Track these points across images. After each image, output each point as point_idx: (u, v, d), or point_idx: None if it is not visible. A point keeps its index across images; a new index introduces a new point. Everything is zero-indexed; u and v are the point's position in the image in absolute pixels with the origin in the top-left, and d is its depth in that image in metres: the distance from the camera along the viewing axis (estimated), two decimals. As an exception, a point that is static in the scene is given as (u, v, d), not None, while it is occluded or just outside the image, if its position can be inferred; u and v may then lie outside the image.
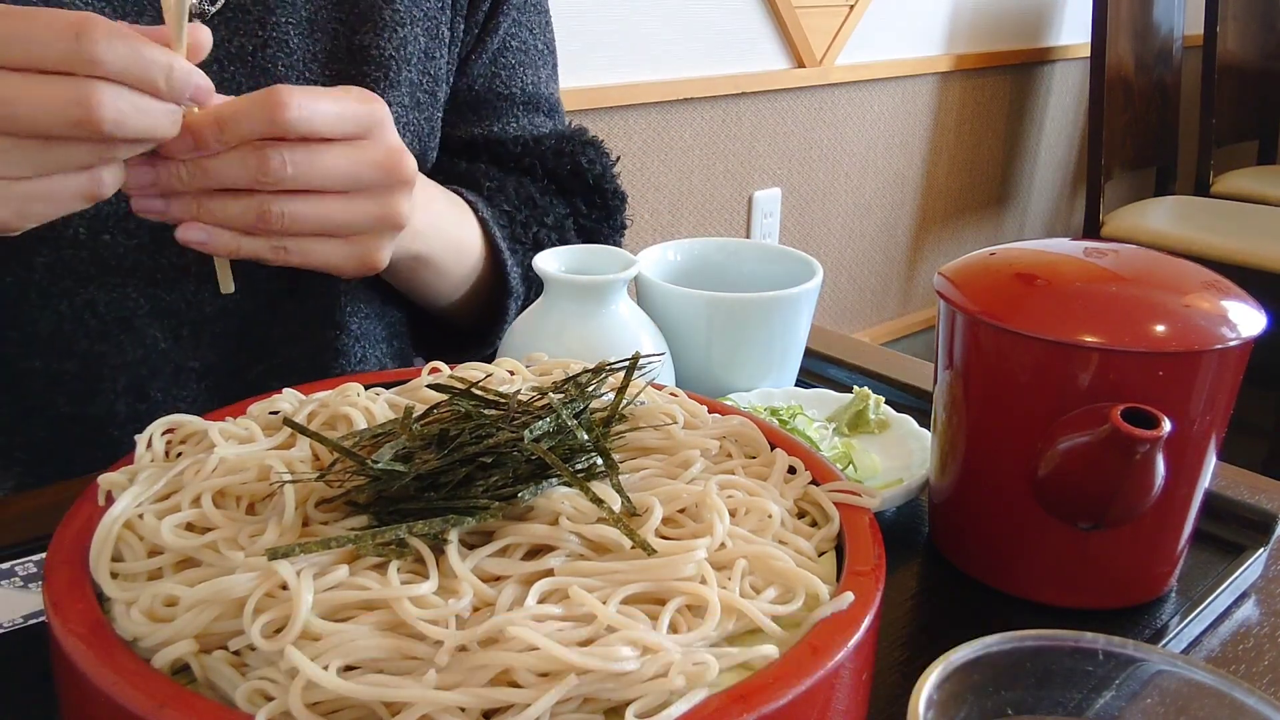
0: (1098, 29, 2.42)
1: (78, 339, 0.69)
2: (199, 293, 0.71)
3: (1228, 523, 0.61)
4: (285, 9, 0.70)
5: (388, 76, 0.74)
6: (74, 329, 0.68)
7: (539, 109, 0.87)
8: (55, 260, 0.66)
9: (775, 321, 0.72)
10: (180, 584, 0.37)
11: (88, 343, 0.69)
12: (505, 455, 0.41)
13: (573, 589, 0.36)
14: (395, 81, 0.74)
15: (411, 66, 0.75)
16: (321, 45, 0.72)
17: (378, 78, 0.73)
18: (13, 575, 0.54)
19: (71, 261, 0.67)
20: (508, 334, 0.69)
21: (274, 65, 0.70)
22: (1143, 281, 0.53)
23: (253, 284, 0.72)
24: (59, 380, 0.70)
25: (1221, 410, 0.52)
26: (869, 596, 0.38)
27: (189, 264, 0.70)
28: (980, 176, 2.88)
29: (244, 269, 0.69)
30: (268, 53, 0.69)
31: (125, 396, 0.71)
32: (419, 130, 0.78)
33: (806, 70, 2.23)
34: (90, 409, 0.70)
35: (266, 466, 0.42)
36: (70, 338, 0.69)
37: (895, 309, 2.80)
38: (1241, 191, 2.72)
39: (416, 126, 0.78)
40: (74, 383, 0.70)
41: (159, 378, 0.71)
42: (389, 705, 0.33)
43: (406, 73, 0.75)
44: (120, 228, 0.67)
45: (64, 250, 0.66)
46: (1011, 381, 0.53)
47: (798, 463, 0.47)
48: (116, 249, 0.67)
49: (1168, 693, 0.35)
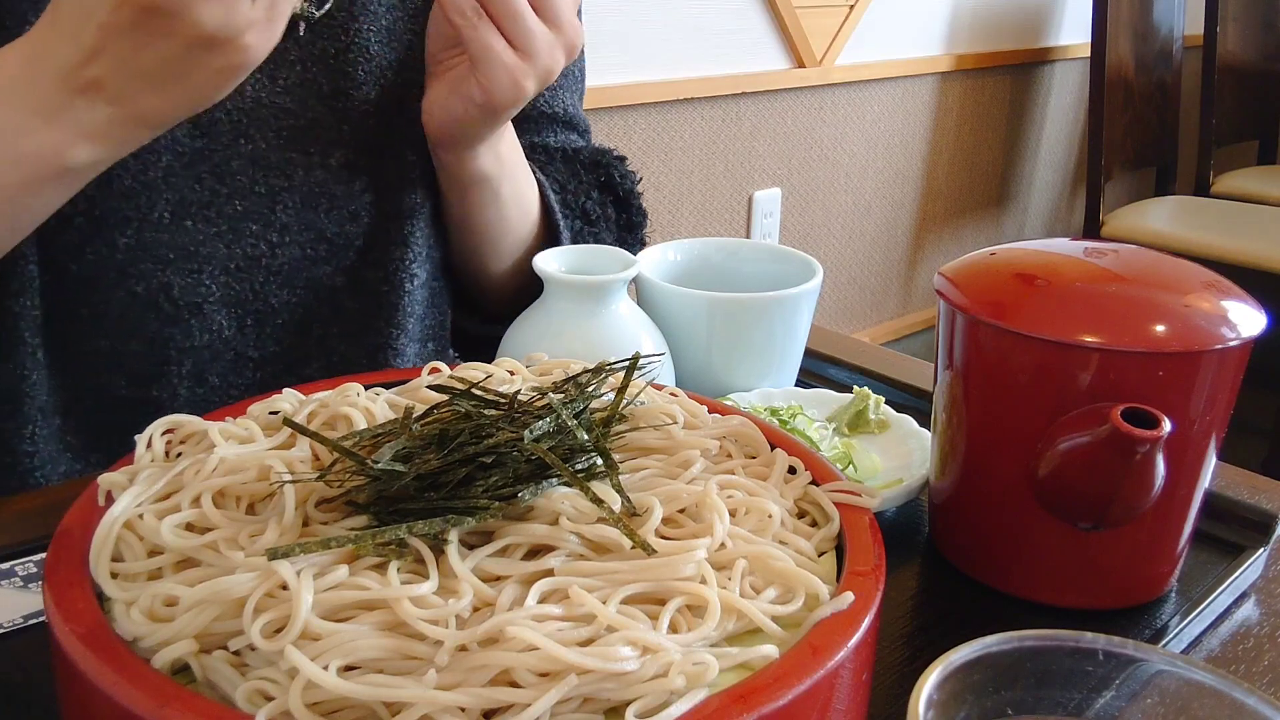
0: (1098, 29, 2.42)
1: (148, 321, 0.70)
2: (267, 284, 0.73)
3: (1228, 523, 0.61)
4: (368, 17, 0.73)
5: None
6: (145, 311, 0.70)
7: (575, 128, 0.90)
8: (138, 242, 0.68)
9: (775, 321, 0.72)
10: (180, 584, 0.37)
11: (157, 325, 0.70)
12: (505, 455, 0.41)
13: (573, 589, 0.36)
14: None
15: None
16: (398, 55, 0.75)
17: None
18: (13, 575, 0.54)
19: (153, 244, 0.68)
20: (508, 334, 0.70)
21: (354, 69, 0.73)
22: (1143, 281, 0.53)
23: (316, 280, 0.75)
24: (123, 361, 0.71)
25: (1221, 410, 0.52)
26: (869, 596, 0.38)
27: (261, 255, 0.72)
28: (980, 176, 2.88)
29: (306, 268, 0.74)
30: (349, 57, 0.72)
31: (186, 380, 0.73)
32: None
33: (806, 70, 2.24)
34: (151, 391, 0.72)
35: (266, 466, 0.42)
36: (140, 319, 0.70)
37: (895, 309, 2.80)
38: (1241, 191, 2.72)
39: None
40: (138, 364, 0.71)
41: (219, 363, 0.73)
42: (389, 705, 0.33)
43: None
44: (203, 215, 0.69)
45: (147, 233, 0.68)
46: (1011, 381, 0.53)
47: (798, 463, 0.47)
48: (197, 235, 0.69)
49: (1168, 693, 0.35)
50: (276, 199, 0.71)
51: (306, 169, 0.72)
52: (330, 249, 0.75)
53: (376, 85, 0.74)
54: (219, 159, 0.69)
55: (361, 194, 0.75)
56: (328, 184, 0.73)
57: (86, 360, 0.70)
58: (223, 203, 0.70)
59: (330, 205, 0.74)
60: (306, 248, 0.74)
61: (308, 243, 0.74)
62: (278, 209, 0.72)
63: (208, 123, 0.68)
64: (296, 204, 0.72)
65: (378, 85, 0.74)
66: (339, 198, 0.74)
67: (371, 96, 0.73)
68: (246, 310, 0.73)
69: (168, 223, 0.68)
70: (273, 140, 0.70)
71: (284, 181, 0.71)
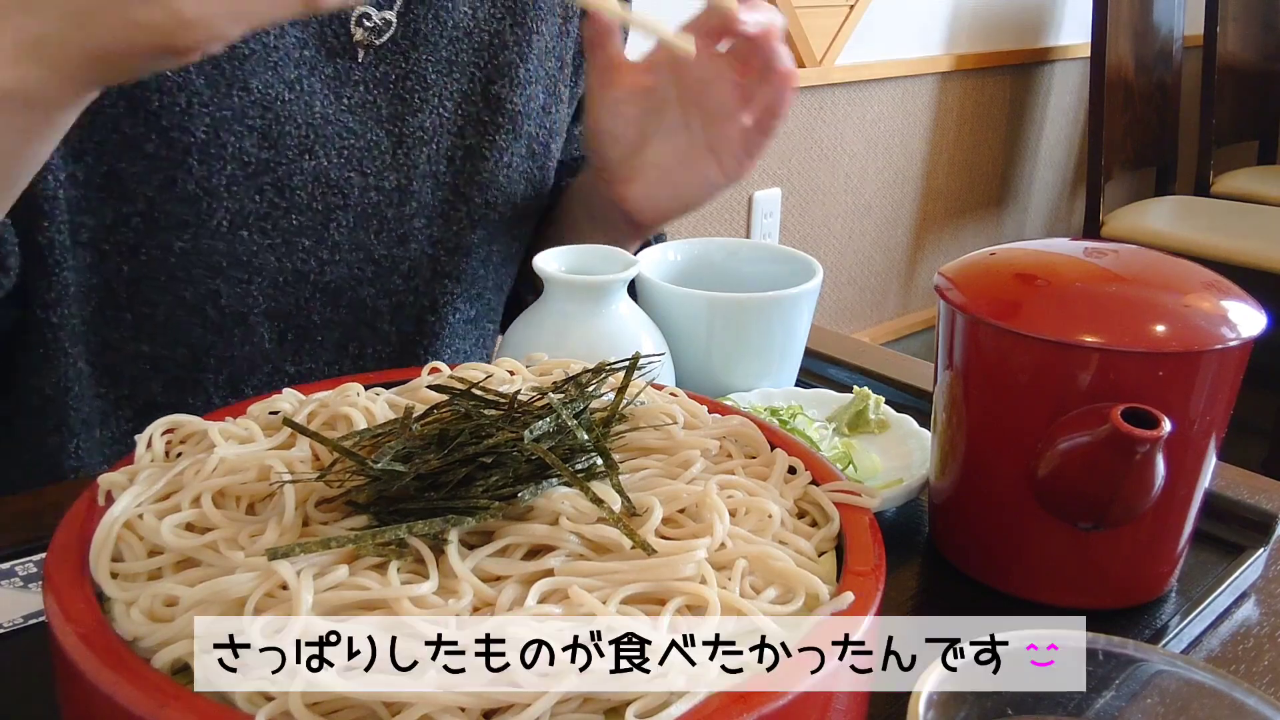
0: (1098, 29, 2.42)
1: (192, 328, 0.70)
2: (312, 299, 0.74)
3: (1228, 523, 0.61)
4: (427, 48, 0.74)
5: (514, 129, 0.78)
6: (191, 318, 0.70)
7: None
8: (192, 248, 0.68)
9: (775, 321, 0.72)
10: (180, 584, 0.37)
11: (201, 333, 0.71)
12: (505, 455, 0.41)
13: (573, 589, 0.36)
14: (518, 134, 0.79)
15: (532, 120, 0.80)
16: (458, 86, 0.76)
17: (507, 129, 0.78)
18: (13, 575, 0.54)
19: (208, 251, 0.68)
20: (508, 334, 0.70)
21: (411, 96, 0.74)
22: (1143, 281, 0.53)
23: (359, 300, 0.76)
24: (163, 367, 0.71)
25: (1221, 410, 0.52)
26: (869, 596, 0.38)
27: (311, 270, 0.72)
28: (980, 176, 2.88)
29: (351, 287, 0.75)
30: (407, 84, 0.73)
31: (221, 390, 0.73)
32: (532, 178, 0.82)
33: (806, 70, 2.23)
34: (186, 399, 0.72)
35: (266, 466, 0.42)
36: (185, 326, 0.70)
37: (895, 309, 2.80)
38: (1241, 191, 2.72)
39: (530, 174, 0.81)
40: (177, 371, 0.71)
41: (256, 376, 0.74)
42: (389, 705, 0.33)
43: (528, 126, 0.80)
44: (259, 226, 0.69)
45: (203, 240, 0.68)
46: (1011, 381, 0.53)
47: (798, 463, 0.47)
48: (251, 245, 0.69)
49: (1168, 693, 0.35)
50: (331, 216, 0.72)
51: (362, 189, 0.73)
52: (376, 271, 0.75)
53: (433, 114, 0.74)
54: (283, 172, 0.69)
55: (411, 219, 0.76)
56: (380, 206, 0.74)
57: (126, 365, 0.70)
58: (279, 216, 0.70)
59: (380, 227, 0.74)
60: (354, 267, 0.74)
61: (356, 263, 0.74)
62: (331, 226, 0.72)
63: (276, 135, 0.68)
64: (349, 223, 0.73)
65: (434, 114, 0.75)
66: (389, 221, 0.75)
67: (426, 124, 0.74)
68: (289, 324, 0.74)
69: (224, 231, 0.68)
70: (334, 158, 0.71)
71: (340, 200, 0.72)
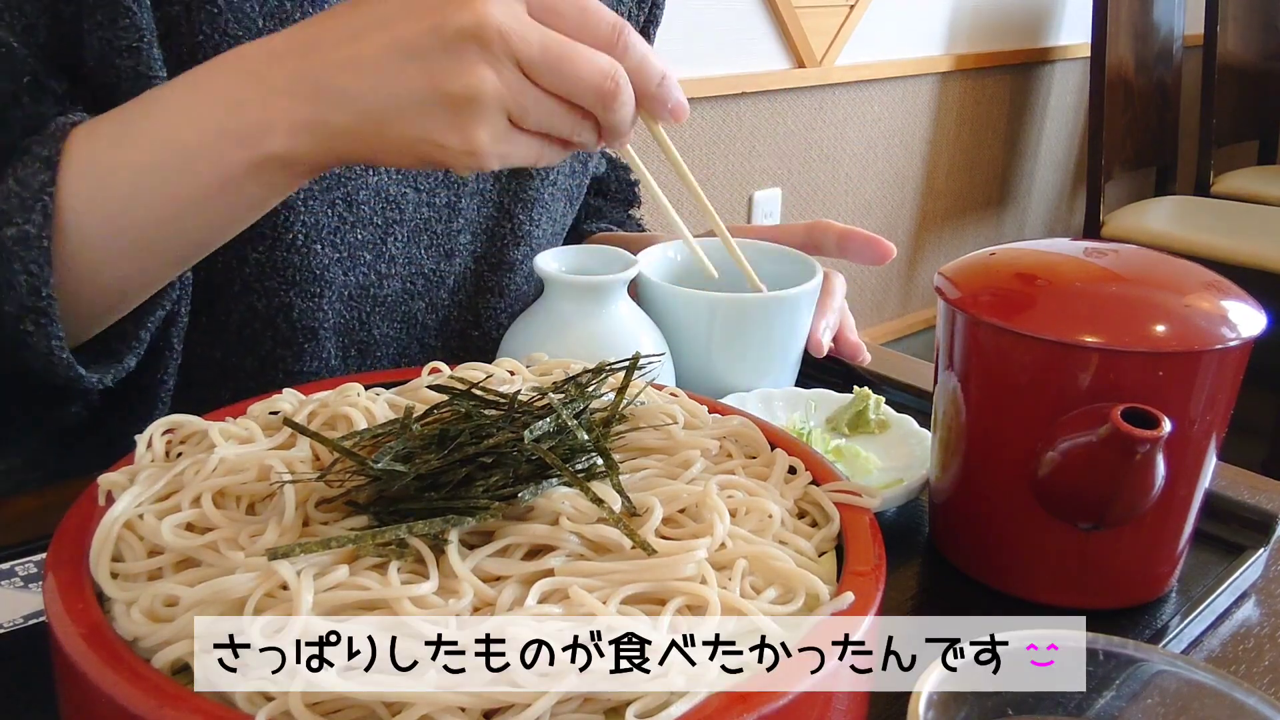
0: (1098, 29, 2.42)
1: (263, 339, 0.71)
2: (372, 315, 0.75)
3: (1228, 523, 0.60)
4: None
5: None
6: (262, 328, 0.71)
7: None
8: (268, 259, 0.69)
9: (775, 321, 0.72)
10: (180, 584, 0.37)
11: (271, 344, 0.71)
12: (505, 455, 0.41)
13: (573, 589, 0.36)
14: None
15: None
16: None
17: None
18: (13, 575, 0.54)
19: (282, 264, 0.69)
20: (508, 334, 0.70)
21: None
22: (1143, 281, 0.53)
23: (411, 315, 0.77)
24: (233, 375, 0.72)
25: (1221, 410, 0.52)
26: (869, 596, 0.38)
27: (370, 285, 0.74)
28: (980, 176, 2.88)
29: (405, 301, 0.76)
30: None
31: None
32: (571, 195, 0.87)
33: (806, 70, 2.24)
34: None
35: (266, 466, 0.42)
36: (257, 336, 0.71)
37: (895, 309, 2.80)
38: (1241, 191, 2.72)
39: (570, 191, 0.86)
40: (247, 381, 0.72)
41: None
42: (389, 705, 0.33)
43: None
44: (329, 240, 0.70)
45: (279, 252, 0.69)
46: (1011, 381, 0.53)
47: (798, 463, 0.47)
48: (323, 259, 0.70)
49: (1168, 693, 0.35)
50: (389, 231, 0.73)
51: (416, 205, 0.74)
52: (425, 284, 0.77)
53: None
54: (351, 187, 0.70)
55: (458, 234, 0.77)
56: (431, 221, 0.75)
57: (199, 370, 0.71)
58: (346, 230, 0.71)
59: (430, 241, 0.76)
60: (407, 281, 0.76)
61: (408, 276, 0.75)
62: (389, 241, 0.73)
63: None
64: (404, 237, 0.74)
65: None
66: (438, 235, 0.76)
67: None
68: (352, 340, 0.75)
69: (299, 244, 0.69)
70: (393, 173, 0.72)
71: (397, 214, 0.73)
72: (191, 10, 0.61)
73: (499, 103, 0.49)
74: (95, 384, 0.57)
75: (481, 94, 0.48)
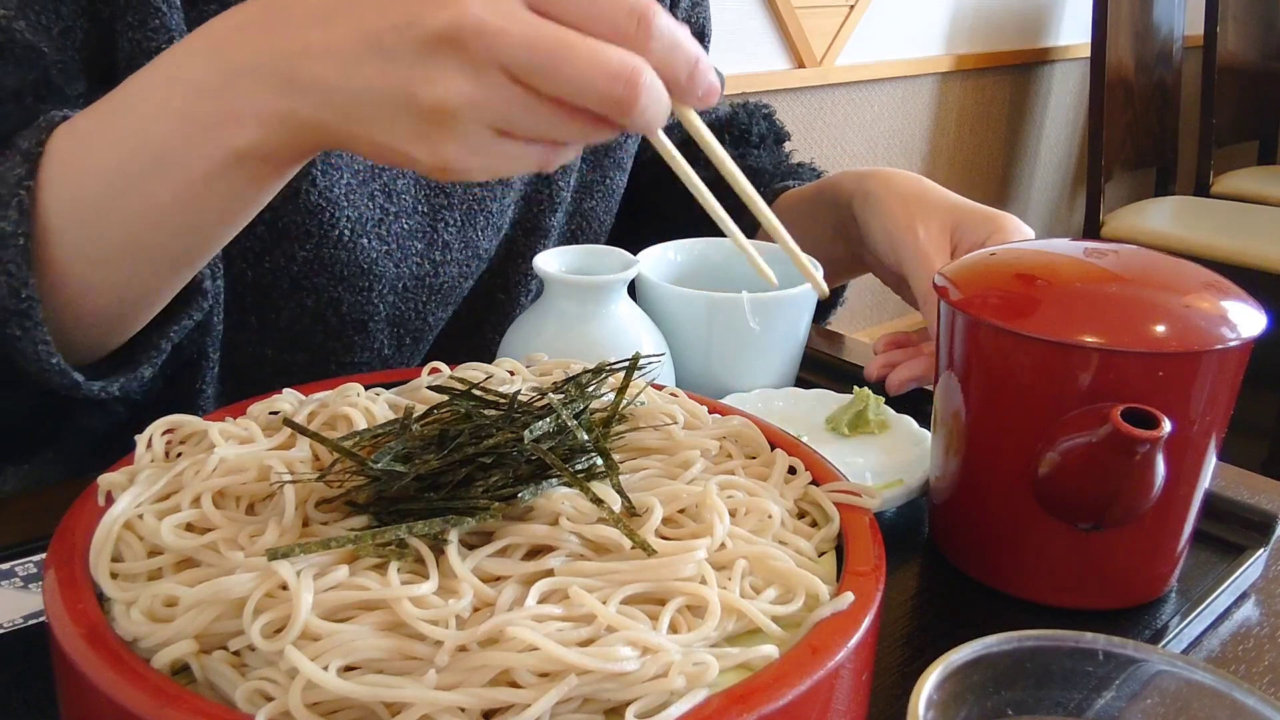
0: (1098, 29, 2.42)
1: (314, 334, 0.71)
2: (429, 303, 0.75)
3: (1228, 523, 0.60)
4: None
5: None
6: (313, 324, 0.71)
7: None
8: (315, 256, 0.69)
9: (775, 321, 0.72)
10: (180, 584, 0.37)
11: (323, 338, 0.71)
12: (505, 455, 0.41)
13: (573, 589, 0.36)
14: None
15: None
16: None
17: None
18: (13, 575, 0.54)
19: (330, 260, 0.69)
20: (508, 334, 0.70)
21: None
22: (1143, 281, 0.53)
23: (461, 295, 0.77)
24: (286, 371, 0.72)
25: (1221, 410, 0.52)
26: (869, 596, 0.38)
27: (426, 274, 0.74)
28: (980, 176, 2.88)
29: (460, 285, 0.77)
30: None
31: None
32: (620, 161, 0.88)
33: (806, 70, 2.24)
34: None
35: (266, 467, 0.42)
36: (308, 331, 0.71)
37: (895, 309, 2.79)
38: (1241, 191, 2.72)
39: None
40: (301, 375, 0.72)
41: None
42: (389, 705, 0.33)
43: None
44: (376, 233, 0.70)
45: (325, 248, 0.68)
46: (1011, 382, 0.52)
47: (798, 463, 0.47)
48: (371, 253, 0.70)
49: (1168, 693, 0.35)
50: (438, 217, 0.73)
51: (465, 185, 0.73)
52: (479, 264, 0.77)
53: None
54: (387, 177, 0.70)
55: (509, 209, 0.77)
56: (485, 200, 0.75)
57: (251, 367, 0.71)
58: (391, 221, 0.70)
59: (486, 222, 0.76)
60: (464, 264, 0.75)
61: (465, 260, 0.75)
62: (439, 227, 0.73)
63: None
64: (457, 221, 0.74)
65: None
66: (493, 214, 0.76)
67: None
68: (406, 330, 0.75)
69: (346, 239, 0.69)
70: None
71: (444, 200, 0.73)
72: (226, 8, 0.61)
73: (474, 116, 0.42)
74: (98, 392, 0.55)
75: (452, 108, 0.42)
